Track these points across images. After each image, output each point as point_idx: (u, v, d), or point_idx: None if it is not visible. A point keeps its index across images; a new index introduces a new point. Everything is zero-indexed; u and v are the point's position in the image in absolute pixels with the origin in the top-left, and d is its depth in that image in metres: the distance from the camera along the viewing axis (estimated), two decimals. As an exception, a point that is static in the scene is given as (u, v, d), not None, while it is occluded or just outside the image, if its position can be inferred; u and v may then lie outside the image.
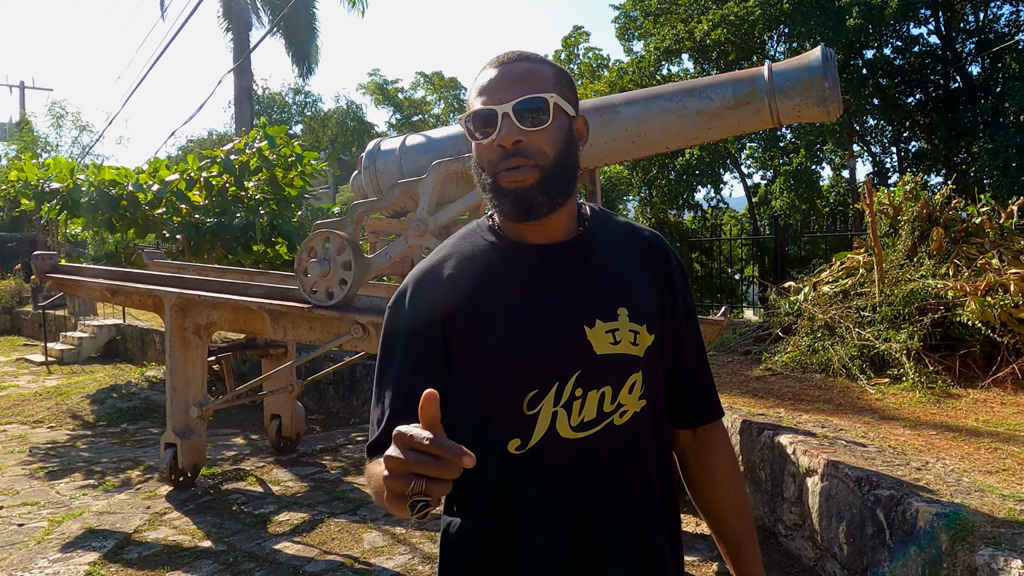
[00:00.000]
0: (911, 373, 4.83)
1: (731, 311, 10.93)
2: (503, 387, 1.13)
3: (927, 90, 15.44)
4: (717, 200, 20.55)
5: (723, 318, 4.47)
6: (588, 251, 1.21)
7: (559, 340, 1.14)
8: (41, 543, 4.17)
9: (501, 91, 1.13)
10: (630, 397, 1.16)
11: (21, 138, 26.40)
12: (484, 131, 1.14)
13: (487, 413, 1.15)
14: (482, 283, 1.17)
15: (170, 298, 4.86)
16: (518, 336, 1.14)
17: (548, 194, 1.14)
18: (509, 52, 1.20)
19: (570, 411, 1.13)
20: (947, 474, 3.14)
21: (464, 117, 1.17)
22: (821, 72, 3.34)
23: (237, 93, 17.86)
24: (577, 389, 1.13)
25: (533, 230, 1.18)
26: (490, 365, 1.14)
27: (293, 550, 4.02)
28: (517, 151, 1.12)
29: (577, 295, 1.17)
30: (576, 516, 1.14)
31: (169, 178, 8.38)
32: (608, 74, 19.04)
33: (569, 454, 1.13)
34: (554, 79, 1.17)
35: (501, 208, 1.16)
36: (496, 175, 1.14)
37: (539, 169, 1.13)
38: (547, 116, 1.13)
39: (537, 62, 1.18)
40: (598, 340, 1.15)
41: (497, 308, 1.15)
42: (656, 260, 1.26)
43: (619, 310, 1.17)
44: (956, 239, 5.89)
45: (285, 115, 34.87)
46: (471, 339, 1.15)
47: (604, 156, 4.04)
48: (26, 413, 7.92)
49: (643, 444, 1.19)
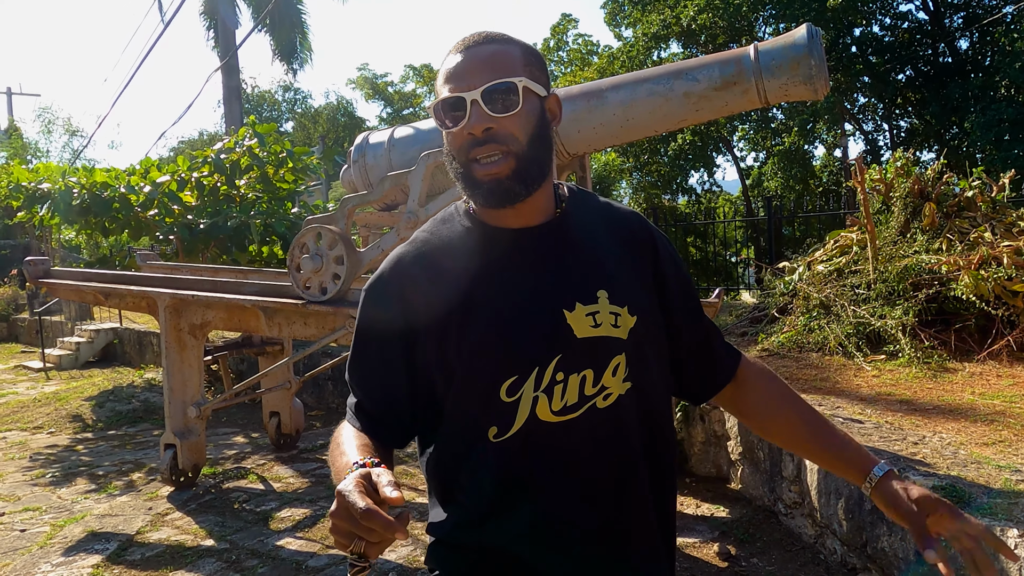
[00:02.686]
0: (907, 349, 4.84)
1: (726, 293, 10.94)
2: (482, 374, 1.12)
3: (917, 66, 15.41)
4: (711, 183, 20.57)
5: (717, 300, 4.48)
6: (566, 233, 1.19)
7: (539, 325, 1.13)
8: (44, 548, 4.17)
9: (468, 77, 1.11)
10: (614, 380, 1.15)
11: (10, 145, 26.29)
12: (453, 117, 1.12)
13: (467, 401, 1.14)
14: (459, 270, 1.16)
15: (164, 299, 4.85)
16: (497, 323, 1.12)
17: (524, 181, 1.12)
18: (475, 34, 1.16)
19: (551, 396, 1.12)
20: (944, 447, 3.15)
21: (433, 105, 1.15)
22: (807, 50, 3.33)
23: (226, 92, 17.77)
24: (558, 373, 1.11)
25: (509, 214, 1.17)
26: (469, 353, 1.12)
27: (295, 546, 4.03)
28: (488, 138, 1.10)
29: (556, 279, 1.16)
30: (561, 500, 1.13)
31: (160, 179, 8.35)
32: (598, 61, 18.99)
33: (551, 438, 1.12)
34: (522, 60, 1.15)
35: (475, 197, 1.15)
36: (468, 163, 1.12)
37: (513, 156, 1.11)
38: (517, 100, 1.11)
39: (504, 43, 1.15)
40: (578, 323, 1.13)
41: (475, 295, 1.14)
42: (636, 239, 1.24)
43: (599, 292, 1.15)
44: (948, 214, 5.90)
45: (275, 113, 34.75)
46: (449, 327, 1.13)
47: (593, 141, 4.03)
48: (26, 419, 7.91)
49: (628, 426, 1.16)
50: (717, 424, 4.40)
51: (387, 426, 1.20)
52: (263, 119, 27.31)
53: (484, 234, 1.19)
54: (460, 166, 1.14)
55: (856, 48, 15.11)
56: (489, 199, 1.12)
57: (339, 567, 3.72)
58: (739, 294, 11.18)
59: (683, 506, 4.12)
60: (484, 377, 1.12)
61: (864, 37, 15.22)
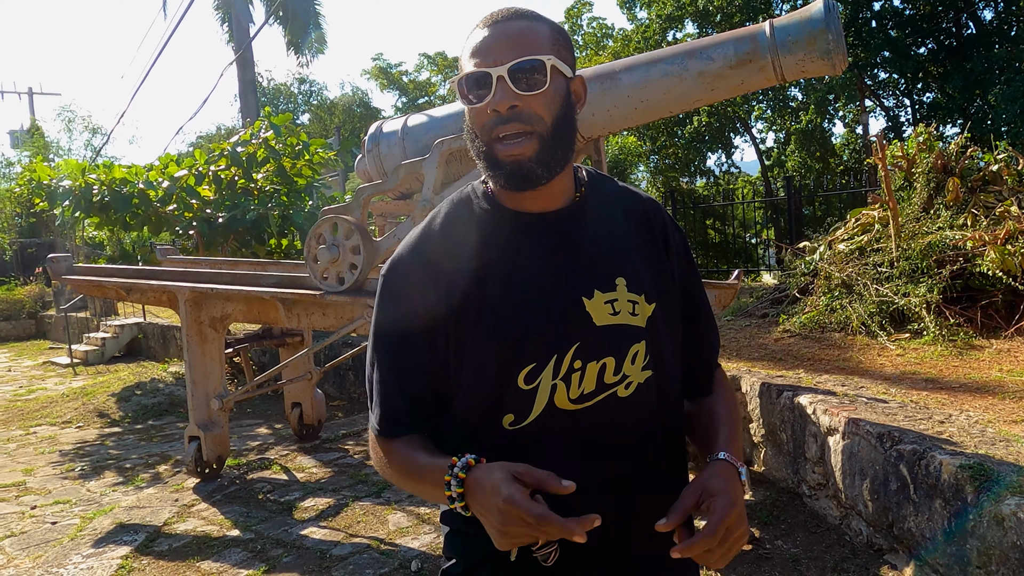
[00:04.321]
0: (932, 327, 4.76)
1: (746, 275, 10.84)
2: (499, 361, 1.11)
3: (939, 39, 15.08)
4: (729, 165, 20.33)
5: (737, 281, 4.43)
6: (585, 219, 1.18)
7: (557, 312, 1.11)
8: (74, 539, 4.24)
9: (496, 52, 1.08)
10: (633, 368, 1.13)
11: (33, 144, 26.63)
12: (478, 94, 1.09)
13: (480, 387, 1.13)
14: (477, 254, 1.14)
15: (184, 292, 4.89)
16: (515, 310, 1.11)
17: (547, 164, 1.10)
18: (503, 9, 1.14)
19: (569, 384, 1.10)
20: (971, 426, 3.10)
21: (456, 79, 1.12)
22: (824, 24, 3.26)
23: (241, 86, 17.84)
24: (576, 361, 1.10)
25: (529, 197, 1.15)
26: (487, 340, 1.11)
27: (320, 535, 4.06)
28: (513, 116, 1.07)
29: (574, 265, 1.14)
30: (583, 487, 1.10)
31: (178, 174, 8.41)
32: (613, 44, 18.81)
33: (568, 425, 1.11)
34: (551, 39, 1.12)
35: (496, 178, 1.12)
36: (491, 142, 1.10)
37: (537, 137, 1.08)
38: (544, 79, 1.08)
39: (533, 19, 1.12)
40: (597, 311, 1.12)
41: (492, 280, 1.12)
42: (652, 226, 1.23)
43: (617, 280, 1.14)
44: (973, 188, 5.78)
45: (291, 105, 34.85)
46: (467, 313, 1.12)
47: (608, 124, 3.99)
48: (55, 414, 8.05)
49: (649, 414, 1.16)
50: (739, 406, 4.36)
51: (425, 416, 1.18)
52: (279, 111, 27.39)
53: (502, 217, 1.16)
54: (483, 144, 1.11)
55: (876, 22, 14.81)
56: (511, 181, 1.10)
57: (363, 555, 3.75)
58: (760, 275, 11.07)
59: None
60: (501, 364, 1.10)
61: (884, 11, 14.91)
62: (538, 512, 0.94)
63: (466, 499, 1.02)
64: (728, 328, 6.15)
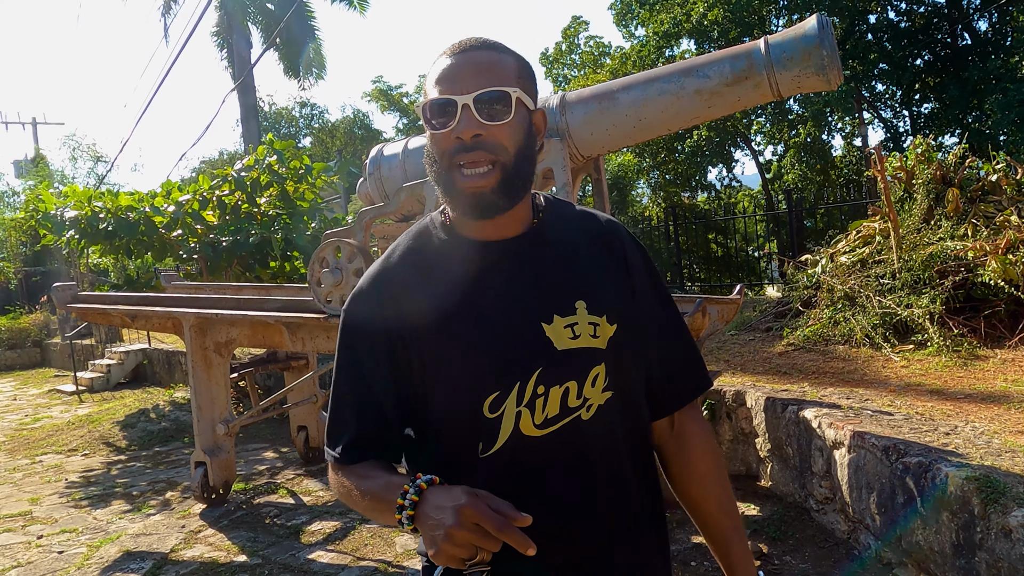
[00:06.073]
0: (935, 338, 4.76)
1: (750, 288, 10.84)
2: (464, 392, 1.12)
3: (935, 50, 15.17)
4: (730, 179, 20.39)
5: (739, 296, 4.43)
6: (543, 245, 1.19)
7: (517, 340, 1.12)
8: (81, 568, 4.24)
9: (462, 80, 1.09)
10: (594, 390, 1.14)
11: (37, 173, 26.84)
12: (442, 120, 1.10)
13: (451, 417, 1.14)
14: (437, 285, 1.15)
15: (188, 319, 4.91)
16: (476, 340, 1.12)
17: (507, 195, 1.11)
18: (471, 38, 1.15)
19: (533, 409, 1.11)
20: (976, 437, 3.09)
21: (421, 105, 1.13)
22: (818, 40, 3.30)
23: (243, 111, 18.00)
24: (539, 387, 1.11)
25: (488, 225, 1.16)
26: (450, 371, 1.12)
27: (327, 558, 4.05)
28: (476, 144, 1.08)
29: (533, 292, 1.15)
30: (549, 512, 1.11)
31: (183, 199, 8.47)
32: (610, 62, 18.94)
33: (536, 452, 1.12)
34: (517, 71, 1.13)
35: (455, 206, 1.13)
36: (451, 168, 1.10)
37: (500, 167, 1.09)
38: (509, 110, 1.10)
39: (500, 51, 1.14)
40: (557, 336, 1.13)
41: (453, 310, 1.13)
42: (612, 247, 1.24)
43: (577, 303, 1.15)
44: (973, 199, 5.80)
45: (293, 129, 35.09)
46: (428, 344, 1.13)
47: (607, 143, 4.03)
48: (60, 442, 8.05)
49: (612, 435, 1.16)
50: (744, 421, 4.35)
51: (386, 444, 1.20)
52: (281, 136, 27.62)
53: (461, 247, 1.17)
54: (443, 170, 1.12)
55: (872, 35, 14.92)
56: (470, 211, 1.11)
57: (370, 578, 3.74)
58: (763, 289, 11.07)
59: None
60: (466, 394, 1.12)
61: (880, 24, 15.03)
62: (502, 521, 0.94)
63: (417, 508, 1.01)
64: (732, 342, 6.15)
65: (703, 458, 1.30)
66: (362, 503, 1.14)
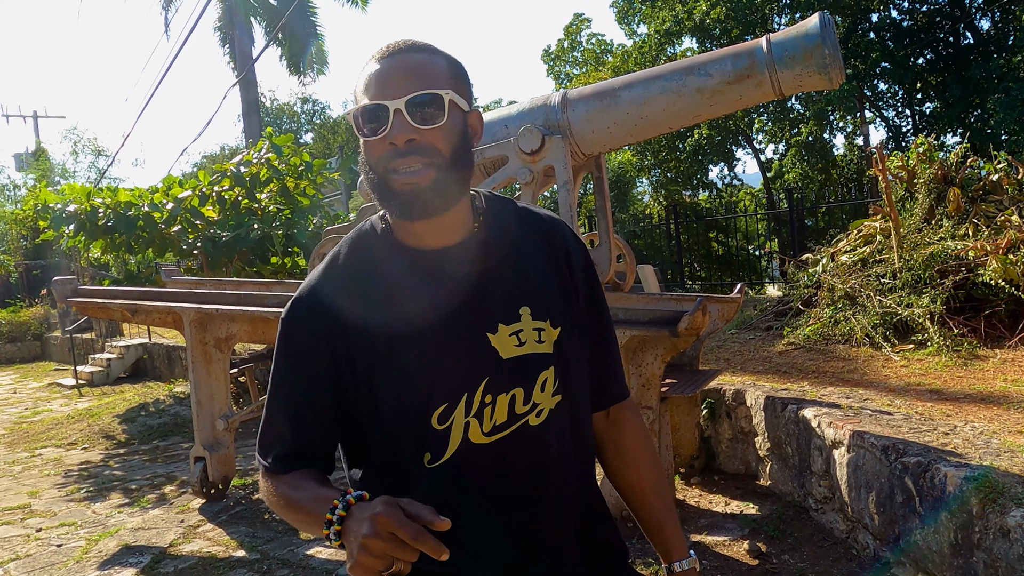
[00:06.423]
0: (936, 337, 4.76)
1: (750, 287, 10.84)
2: (411, 405, 1.11)
3: (937, 49, 15.15)
4: (731, 177, 20.39)
5: (739, 295, 4.43)
6: (484, 251, 1.17)
7: (463, 352, 1.12)
8: (80, 562, 4.24)
9: (393, 85, 1.07)
10: (543, 395, 1.15)
11: (38, 167, 26.85)
12: (373, 127, 1.07)
13: (398, 430, 1.13)
14: (378, 296, 1.13)
15: (188, 314, 4.91)
16: (420, 354, 1.11)
17: (443, 194, 1.09)
18: (400, 41, 1.13)
19: (481, 419, 1.11)
20: (975, 437, 3.09)
21: (352, 112, 1.10)
22: (820, 39, 3.29)
23: (244, 106, 17.98)
24: (487, 396, 1.11)
25: (426, 231, 1.14)
26: (396, 383, 1.11)
27: (325, 555, 4.05)
28: (410, 149, 1.06)
29: (476, 301, 1.14)
30: (502, 517, 1.14)
31: (182, 195, 8.47)
32: (612, 59, 18.92)
33: (484, 458, 1.12)
34: (448, 72, 1.12)
35: (392, 209, 1.11)
36: (386, 174, 1.08)
37: (434, 168, 1.07)
38: (442, 113, 1.08)
39: (430, 53, 1.12)
40: (502, 344, 1.13)
41: (396, 323, 1.12)
42: (555, 246, 1.23)
43: (521, 310, 1.15)
44: (974, 198, 5.80)
45: (295, 124, 35.08)
46: (372, 357, 1.12)
47: (608, 141, 4.02)
48: (60, 436, 8.06)
49: (560, 437, 1.17)
50: (744, 420, 4.36)
51: (320, 455, 1.19)
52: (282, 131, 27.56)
53: (402, 257, 1.15)
54: (377, 176, 1.09)
55: (874, 34, 14.90)
56: (406, 211, 1.08)
57: None
58: (764, 288, 11.07)
59: (712, 504, 4.08)
60: (413, 407, 1.11)
61: (882, 22, 15.00)
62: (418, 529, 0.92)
63: (344, 523, 0.99)
64: (732, 341, 6.15)
65: (637, 444, 1.34)
66: (291, 514, 1.12)
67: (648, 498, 1.33)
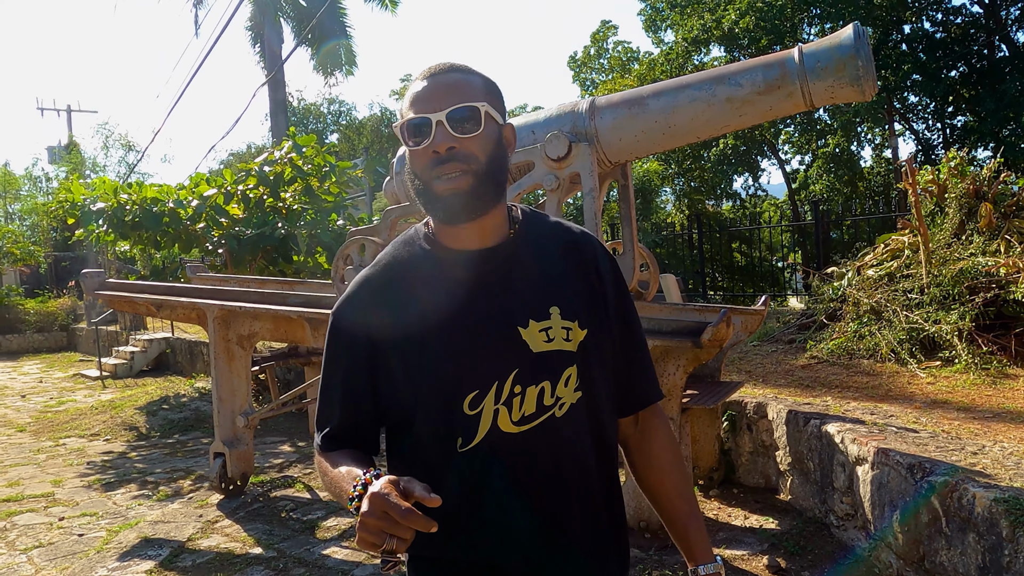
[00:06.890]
0: (963, 355, 4.68)
1: (773, 299, 10.73)
2: (445, 390, 1.21)
3: (970, 62, 14.93)
4: (755, 188, 20.21)
5: (763, 307, 4.39)
6: (519, 253, 1.28)
7: (496, 343, 1.22)
8: (100, 552, 4.29)
9: (434, 100, 1.20)
10: (566, 390, 1.24)
11: (70, 160, 27.30)
12: (418, 139, 1.20)
13: (433, 415, 1.23)
14: (420, 291, 1.25)
15: (212, 310, 4.96)
16: (457, 343, 1.21)
17: (481, 197, 1.20)
18: (440, 63, 1.26)
19: (511, 407, 1.21)
20: (1005, 457, 3.03)
21: (399, 125, 1.23)
22: (854, 51, 3.25)
23: (272, 106, 18.17)
24: (516, 387, 1.21)
25: (466, 234, 1.25)
26: (431, 371, 1.21)
27: (342, 555, 4.06)
28: (451, 157, 1.18)
29: (511, 297, 1.25)
30: (527, 504, 1.22)
31: (207, 193, 8.55)
32: (639, 67, 18.86)
33: (513, 447, 1.21)
34: (484, 89, 1.25)
35: (435, 212, 1.23)
36: (430, 181, 1.20)
37: (472, 174, 1.19)
38: (479, 124, 1.20)
39: (467, 73, 1.25)
40: (533, 339, 1.23)
41: (435, 316, 1.23)
42: (584, 256, 1.33)
43: (551, 309, 1.25)
44: (1007, 214, 5.70)
45: (321, 125, 35.33)
46: (411, 346, 1.23)
47: (635, 149, 4.00)
48: (83, 426, 8.16)
49: (580, 432, 1.26)
50: (765, 434, 4.31)
51: (363, 436, 1.31)
52: (308, 131, 27.79)
53: (442, 257, 1.27)
54: (421, 183, 1.22)
55: (906, 45, 14.72)
56: (448, 213, 1.21)
57: (384, 576, 3.74)
58: (786, 300, 10.96)
59: (731, 517, 4.04)
60: (446, 393, 1.21)
61: (914, 34, 14.81)
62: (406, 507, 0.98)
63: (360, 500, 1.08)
64: (754, 354, 6.09)
65: (663, 449, 1.41)
66: (332, 489, 1.22)
67: (674, 502, 1.39)
